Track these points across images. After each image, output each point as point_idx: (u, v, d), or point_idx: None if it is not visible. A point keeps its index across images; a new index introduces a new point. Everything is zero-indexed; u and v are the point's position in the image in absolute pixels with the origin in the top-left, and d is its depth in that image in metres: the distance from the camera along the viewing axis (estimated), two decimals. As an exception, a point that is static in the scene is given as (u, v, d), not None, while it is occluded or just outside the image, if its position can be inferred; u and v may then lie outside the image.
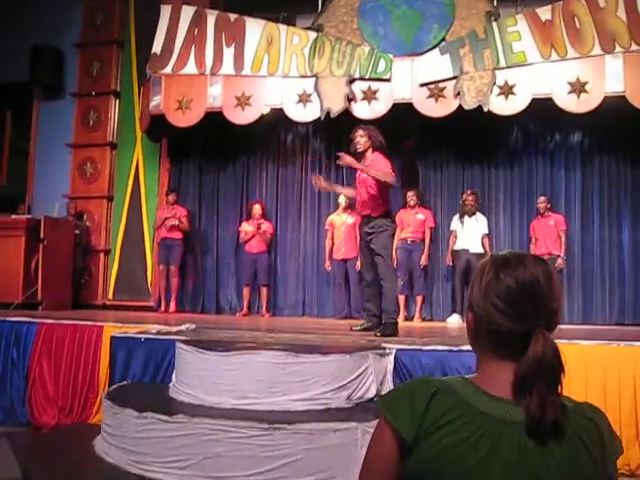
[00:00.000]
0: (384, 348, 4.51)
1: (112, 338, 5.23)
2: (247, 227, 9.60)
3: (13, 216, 8.87)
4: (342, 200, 9.21)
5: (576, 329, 7.39)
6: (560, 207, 9.07)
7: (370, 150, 6.08)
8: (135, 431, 3.68)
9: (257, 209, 9.58)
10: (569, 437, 1.24)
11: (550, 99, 7.85)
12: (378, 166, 5.95)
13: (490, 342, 1.35)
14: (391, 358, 4.46)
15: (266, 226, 9.62)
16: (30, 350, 5.61)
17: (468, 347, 1.45)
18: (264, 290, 9.62)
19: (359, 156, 6.08)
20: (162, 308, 9.50)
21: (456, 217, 8.99)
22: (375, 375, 4.16)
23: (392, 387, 4.31)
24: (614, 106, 7.77)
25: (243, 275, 9.75)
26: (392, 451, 1.29)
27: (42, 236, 8.49)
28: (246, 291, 9.65)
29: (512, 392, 1.28)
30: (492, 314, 1.32)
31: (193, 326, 5.94)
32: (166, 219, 9.47)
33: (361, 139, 6.06)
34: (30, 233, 8.48)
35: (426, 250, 9.04)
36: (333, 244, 9.33)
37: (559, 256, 8.59)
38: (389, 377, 4.40)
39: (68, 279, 9.20)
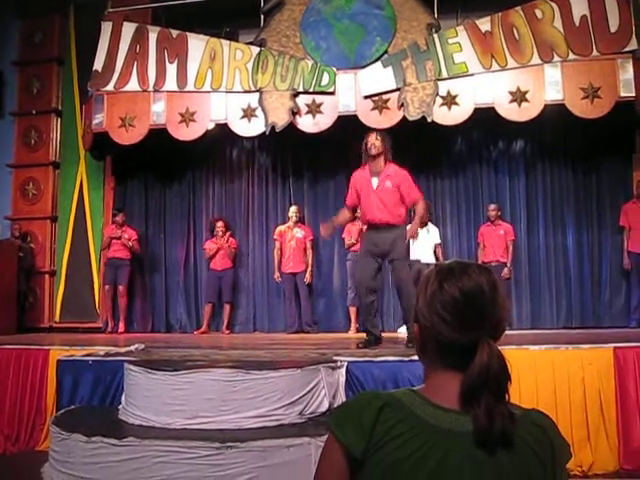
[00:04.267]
0: (335, 361, 4.50)
1: (58, 362, 5.13)
2: (211, 244, 9.54)
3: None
4: (293, 214, 9.21)
5: (525, 334, 7.50)
6: (506, 214, 9.20)
7: (383, 158, 6.04)
8: (84, 456, 3.60)
9: (220, 225, 9.53)
10: (518, 445, 1.23)
11: (492, 108, 7.96)
12: (410, 189, 6.03)
13: (436, 353, 1.34)
14: (343, 371, 4.45)
15: (230, 241, 9.58)
16: (-27, 377, 5.46)
17: (418, 357, 1.44)
18: (227, 307, 9.53)
19: (371, 159, 6.04)
20: (110, 329, 9.34)
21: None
22: (327, 389, 4.14)
23: (345, 400, 4.30)
24: (554, 114, 7.94)
25: (207, 292, 9.66)
26: (342, 467, 1.28)
27: (-16, 259, 8.30)
28: (208, 308, 9.53)
29: (459, 402, 1.26)
30: (437, 325, 1.31)
31: (142, 346, 5.84)
32: (112, 240, 9.34)
33: (377, 142, 5.99)
34: (-29, 257, 8.28)
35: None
36: (282, 255, 9.30)
37: (506, 264, 8.70)
38: (341, 390, 4.38)
39: (12, 302, 8.99)
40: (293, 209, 9.33)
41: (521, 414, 1.29)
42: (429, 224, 8.91)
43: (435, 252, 8.84)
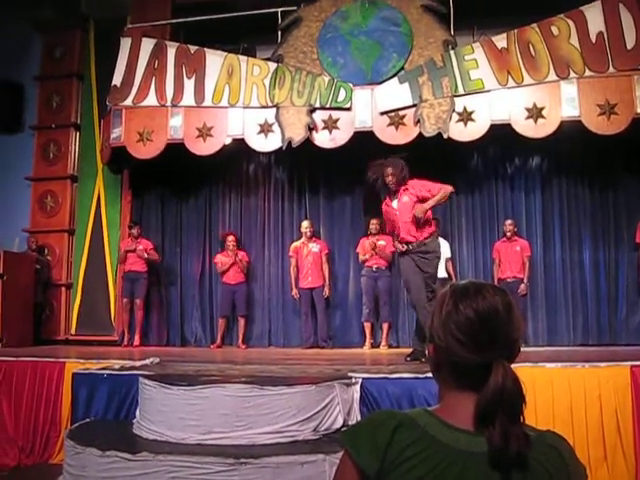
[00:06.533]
0: (350, 377, 4.48)
1: (74, 375, 5.12)
2: (223, 258, 9.54)
3: (-28, 252, 8.71)
4: (306, 230, 9.21)
5: (541, 351, 7.45)
6: (522, 230, 9.16)
7: (401, 185, 6.17)
8: (98, 470, 3.59)
9: (230, 240, 9.53)
10: (533, 467, 1.23)
11: (508, 125, 7.96)
12: (428, 188, 6.13)
13: (451, 373, 1.34)
14: (357, 387, 4.43)
15: (242, 255, 9.59)
16: (-11, 389, 5.49)
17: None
18: (242, 321, 9.52)
19: (394, 192, 6.20)
20: (126, 342, 9.37)
21: (419, 243, 9.02)
22: (342, 405, 4.12)
23: (359, 417, 4.28)
24: (570, 130, 7.93)
25: (221, 306, 9.68)
26: (356, 486, 1.28)
27: (1, 271, 8.35)
28: (222, 322, 9.55)
29: (474, 423, 1.26)
30: (452, 345, 1.31)
31: (157, 360, 5.84)
32: (128, 253, 9.38)
33: (392, 177, 6.13)
34: (-11, 269, 8.34)
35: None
36: (299, 271, 9.29)
37: (522, 280, 8.67)
38: (356, 407, 4.35)
39: (29, 315, 9.05)
40: (305, 224, 9.32)
41: (536, 436, 1.28)
42: (439, 238, 8.90)
43: (446, 267, 8.82)
